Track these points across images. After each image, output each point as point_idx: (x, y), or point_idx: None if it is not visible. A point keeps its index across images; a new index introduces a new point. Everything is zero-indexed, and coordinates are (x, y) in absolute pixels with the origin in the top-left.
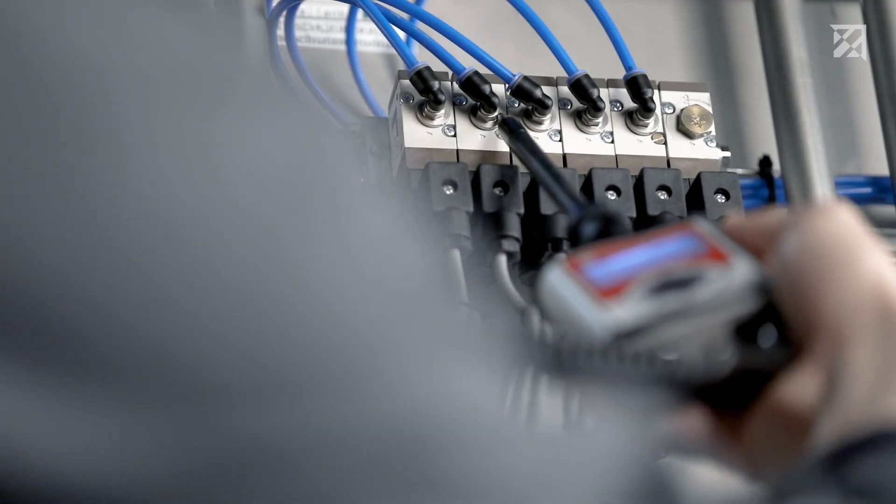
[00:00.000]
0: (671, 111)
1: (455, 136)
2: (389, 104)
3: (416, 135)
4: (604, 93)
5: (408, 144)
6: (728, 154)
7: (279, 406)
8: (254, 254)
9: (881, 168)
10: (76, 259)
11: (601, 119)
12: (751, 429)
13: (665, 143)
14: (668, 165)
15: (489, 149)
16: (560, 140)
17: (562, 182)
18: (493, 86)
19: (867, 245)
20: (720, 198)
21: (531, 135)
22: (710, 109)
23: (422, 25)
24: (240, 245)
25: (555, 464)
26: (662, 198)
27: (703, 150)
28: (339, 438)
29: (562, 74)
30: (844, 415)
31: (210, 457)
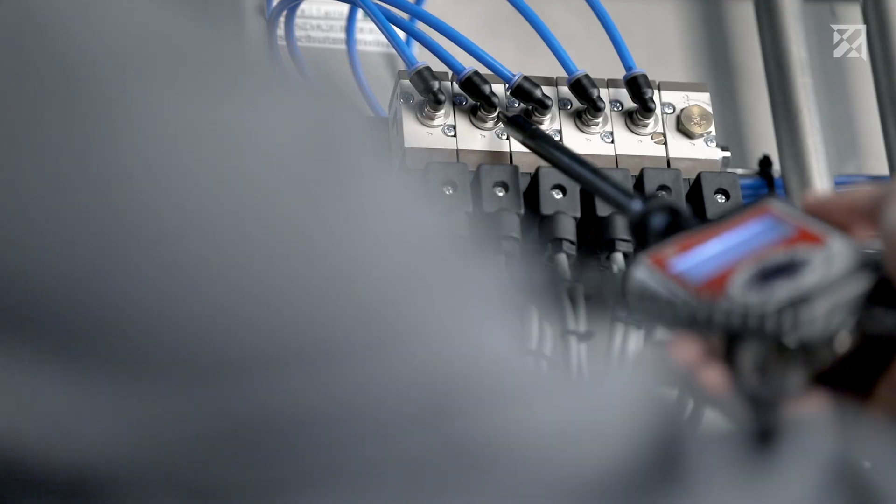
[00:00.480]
0: (671, 111)
1: (455, 136)
2: (389, 104)
3: (416, 135)
4: (604, 93)
5: (408, 144)
6: (728, 154)
7: (307, 372)
8: (273, 222)
9: (881, 168)
10: (92, 239)
11: (601, 119)
12: (877, 405)
13: (665, 143)
14: (668, 165)
15: (489, 149)
16: (560, 140)
17: (607, 178)
18: (493, 86)
19: None
20: (720, 198)
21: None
22: (710, 109)
23: (422, 25)
24: (260, 215)
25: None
26: None
27: (703, 150)
28: (367, 402)
29: (562, 74)
30: None
31: (235, 424)
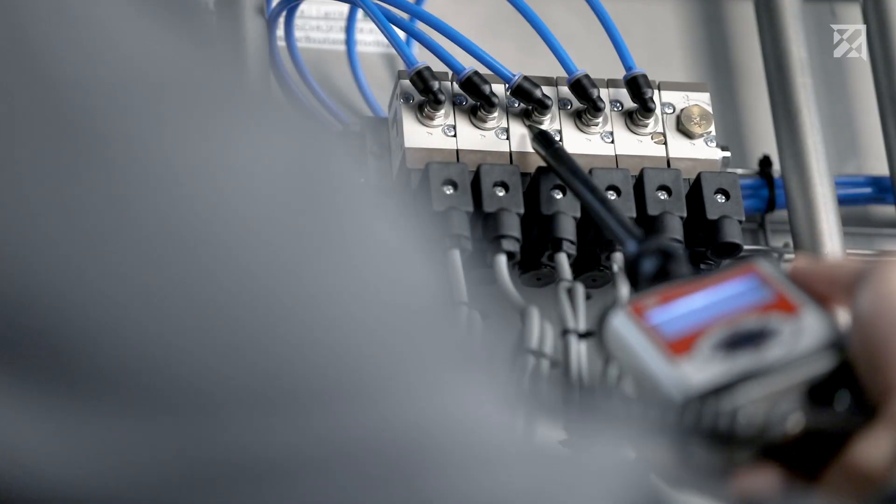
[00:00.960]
0: (671, 111)
1: (455, 136)
2: (389, 104)
3: (416, 135)
4: (604, 93)
5: (408, 144)
6: (728, 154)
7: (277, 418)
8: (253, 266)
9: (881, 168)
10: (75, 269)
11: (601, 119)
12: (825, 487)
13: (665, 143)
14: (668, 165)
15: (489, 149)
16: (560, 140)
17: (613, 211)
18: (493, 86)
19: None
20: (720, 198)
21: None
22: (710, 109)
23: (422, 25)
24: (239, 258)
25: (555, 485)
26: (662, 198)
27: (703, 150)
28: (336, 451)
29: (562, 74)
30: None
31: (206, 468)
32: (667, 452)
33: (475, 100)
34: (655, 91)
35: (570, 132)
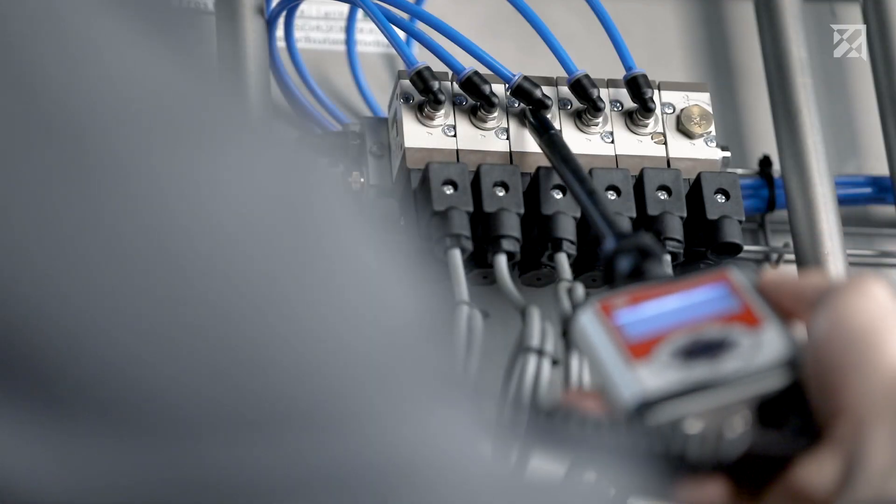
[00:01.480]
0: (671, 111)
1: (455, 136)
2: (389, 104)
3: (416, 135)
4: (604, 93)
5: (408, 144)
6: (728, 154)
7: (257, 443)
8: (238, 289)
9: (881, 168)
10: (57, 288)
11: (601, 119)
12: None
13: (665, 143)
14: (668, 165)
15: (489, 149)
16: None
17: (598, 204)
18: (493, 86)
19: (893, 330)
20: (720, 198)
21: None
22: (710, 109)
23: (422, 25)
24: (226, 281)
25: None
26: (662, 198)
27: (703, 150)
28: (318, 475)
29: (562, 74)
30: (855, 498)
31: (188, 490)
32: (620, 459)
33: (475, 100)
34: (655, 91)
35: (570, 132)
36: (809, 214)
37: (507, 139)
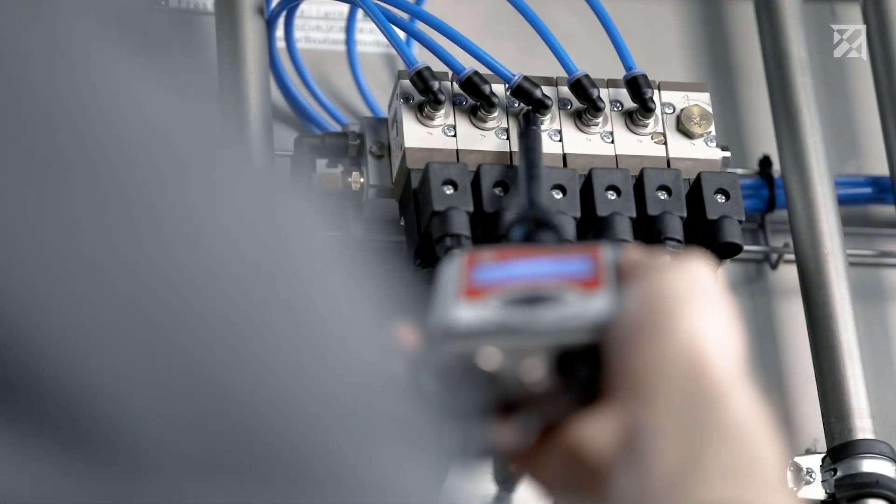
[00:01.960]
0: (671, 111)
1: (455, 136)
2: (389, 104)
3: (416, 135)
4: (604, 93)
5: (408, 144)
6: (728, 154)
7: (223, 487)
8: (214, 342)
9: (881, 168)
10: (37, 319)
11: (601, 119)
12: (546, 459)
13: (665, 143)
14: (668, 165)
15: (489, 149)
16: (560, 140)
17: (532, 182)
18: (493, 86)
19: (695, 306)
20: (720, 198)
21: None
22: (710, 109)
23: (422, 25)
24: (202, 335)
25: None
26: (662, 198)
27: (703, 150)
28: None
29: (562, 74)
30: (648, 485)
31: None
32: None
33: (475, 100)
34: (655, 91)
35: (570, 132)
36: (809, 214)
37: (507, 139)
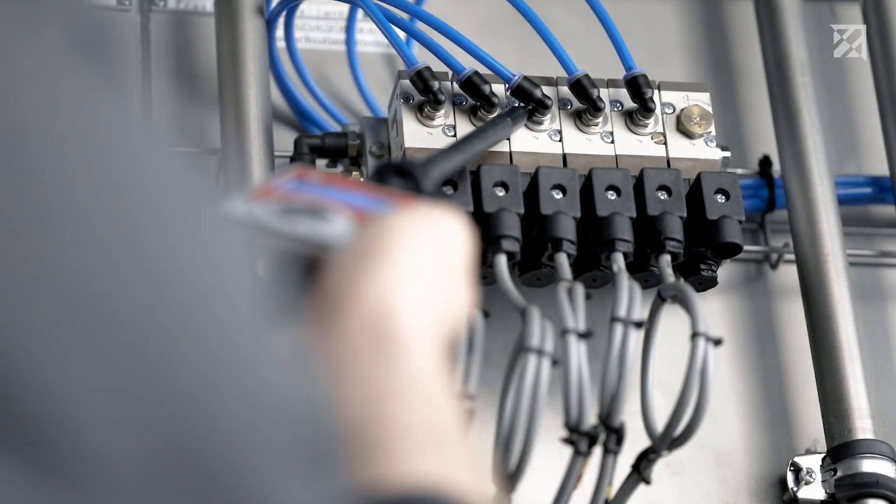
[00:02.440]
0: (671, 111)
1: (455, 136)
2: (389, 104)
3: (416, 135)
4: (604, 93)
5: (408, 144)
6: (728, 154)
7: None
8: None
9: (881, 168)
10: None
11: (601, 119)
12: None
13: (665, 143)
14: (668, 165)
15: (489, 149)
16: (560, 140)
17: (447, 151)
18: (493, 86)
19: (408, 261)
20: (720, 198)
21: (530, 134)
22: (710, 109)
23: (422, 25)
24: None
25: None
26: (662, 198)
27: (703, 150)
28: None
29: (562, 74)
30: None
31: None
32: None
33: (475, 100)
34: (655, 91)
35: (570, 132)
36: (809, 214)
37: (507, 139)
